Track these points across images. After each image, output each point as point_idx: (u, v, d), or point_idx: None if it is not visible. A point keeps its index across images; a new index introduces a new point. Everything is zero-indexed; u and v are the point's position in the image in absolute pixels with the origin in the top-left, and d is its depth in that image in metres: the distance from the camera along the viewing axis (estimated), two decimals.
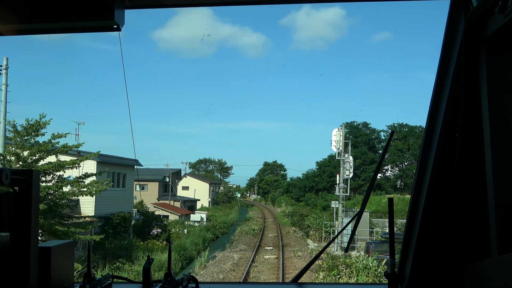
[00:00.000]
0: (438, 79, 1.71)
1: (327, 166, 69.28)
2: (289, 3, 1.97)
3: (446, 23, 1.69)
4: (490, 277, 1.47)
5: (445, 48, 1.69)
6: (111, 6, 1.53)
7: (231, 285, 2.60)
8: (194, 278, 1.83)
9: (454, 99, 1.65)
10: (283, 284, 2.52)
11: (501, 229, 1.46)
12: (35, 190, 1.43)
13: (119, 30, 1.62)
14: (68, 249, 1.68)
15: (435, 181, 1.69)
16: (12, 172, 1.36)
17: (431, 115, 1.75)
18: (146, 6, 1.79)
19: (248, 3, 1.74)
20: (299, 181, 74.68)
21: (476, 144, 1.59)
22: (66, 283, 1.64)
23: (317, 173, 71.67)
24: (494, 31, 1.44)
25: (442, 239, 1.71)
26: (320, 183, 69.68)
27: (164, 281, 1.73)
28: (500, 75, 1.50)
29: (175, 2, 1.75)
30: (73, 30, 1.67)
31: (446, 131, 1.66)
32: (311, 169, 74.28)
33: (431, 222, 1.71)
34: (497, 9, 1.38)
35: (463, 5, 1.62)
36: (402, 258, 1.84)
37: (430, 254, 1.73)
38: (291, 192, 74.41)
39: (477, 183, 1.60)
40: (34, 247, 1.44)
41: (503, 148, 1.48)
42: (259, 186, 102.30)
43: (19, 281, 1.40)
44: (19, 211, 1.41)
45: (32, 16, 1.60)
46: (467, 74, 1.59)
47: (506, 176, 1.46)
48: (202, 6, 1.76)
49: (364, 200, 1.94)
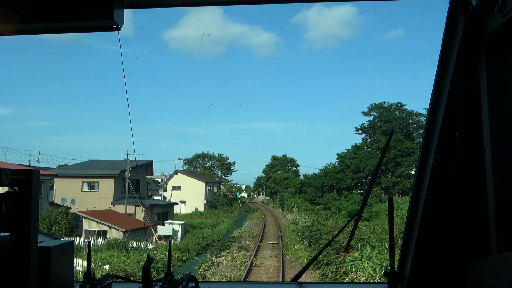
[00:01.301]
0: (438, 78, 1.82)
1: (352, 159, 51.01)
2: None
3: (445, 22, 1.78)
4: (490, 276, 1.55)
5: (444, 47, 1.79)
6: (111, 6, 1.62)
7: (231, 284, 2.58)
8: (194, 277, 1.93)
9: (453, 98, 1.74)
10: (283, 283, 2.55)
11: (501, 228, 1.55)
12: (35, 190, 1.52)
13: (119, 30, 1.71)
14: (68, 249, 1.78)
15: (435, 180, 1.79)
16: (12, 172, 1.45)
17: (430, 114, 1.84)
18: (146, 6, 1.88)
19: (248, 2, 1.84)
20: (315, 178, 63.69)
21: (476, 143, 1.69)
22: (66, 283, 1.73)
23: (338, 168, 60.99)
24: (493, 30, 1.55)
25: (442, 238, 1.80)
26: (343, 180, 58.91)
27: (164, 281, 1.82)
28: (499, 73, 1.60)
29: (175, 2, 1.82)
30: (72, 30, 1.76)
31: (445, 130, 1.76)
32: (330, 163, 64.91)
33: (431, 221, 1.81)
34: (497, 8, 1.47)
35: (462, 4, 1.73)
36: (402, 257, 1.93)
37: (430, 253, 1.82)
38: (305, 192, 63.00)
39: (477, 182, 1.70)
40: (34, 247, 1.52)
41: (502, 147, 1.57)
42: (266, 185, 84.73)
43: (19, 281, 1.49)
44: (19, 211, 1.49)
45: (32, 16, 1.69)
46: (467, 73, 1.69)
47: (506, 175, 1.57)
48: (202, 6, 1.83)
49: (364, 199, 2.03)
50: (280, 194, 79.36)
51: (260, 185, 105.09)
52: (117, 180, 39.66)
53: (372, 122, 62.59)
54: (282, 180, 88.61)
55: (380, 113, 62.21)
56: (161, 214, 41.45)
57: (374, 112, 63.10)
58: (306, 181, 66.61)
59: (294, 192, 66.65)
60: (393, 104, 61.96)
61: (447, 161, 1.75)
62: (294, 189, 68.42)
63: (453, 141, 1.74)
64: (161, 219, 40.23)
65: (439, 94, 1.79)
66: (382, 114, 61.77)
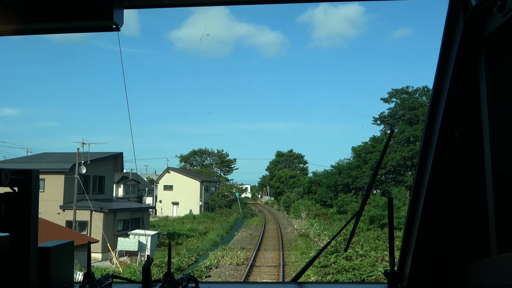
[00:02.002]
0: (438, 78, 1.87)
1: (370, 153, 40.78)
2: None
3: (445, 22, 1.83)
4: (490, 276, 1.60)
5: (444, 47, 1.84)
6: (110, 6, 1.66)
7: (231, 285, 2.59)
8: (193, 278, 1.96)
9: (453, 98, 1.80)
10: (283, 283, 2.63)
11: (501, 228, 1.60)
12: (35, 190, 1.57)
13: (118, 30, 1.74)
14: (67, 249, 1.82)
15: (434, 180, 1.84)
16: (11, 172, 1.50)
17: (430, 114, 1.89)
18: (145, 6, 1.92)
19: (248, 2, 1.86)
20: (326, 176, 55.46)
21: (476, 143, 1.74)
22: (66, 283, 1.77)
23: (354, 163, 52.37)
24: (493, 30, 1.60)
25: (441, 238, 1.85)
26: (360, 178, 49.92)
27: (164, 281, 1.85)
28: (499, 73, 1.66)
29: (174, 2, 1.86)
30: (72, 30, 1.80)
31: (445, 130, 1.82)
32: (344, 158, 61.76)
33: (430, 221, 1.85)
34: (496, 8, 1.52)
35: (462, 5, 1.78)
36: (401, 257, 1.97)
37: (429, 253, 1.86)
38: (315, 192, 55.31)
39: (477, 182, 1.76)
40: (34, 247, 1.57)
41: (502, 147, 1.63)
42: (269, 185, 75.90)
43: (19, 282, 1.53)
44: (19, 211, 1.54)
45: (32, 16, 1.73)
46: (466, 73, 1.75)
47: (506, 175, 1.62)
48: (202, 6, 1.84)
49: (364, 199, 2.06)
50: (286, 194, 72.30)
51: (265, 185, 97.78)
52: (70, 176, 30.27)
53: (393, 110, 53.45)
54: (288, 178, 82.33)
55: (403, 100, 53.28)
56: (130, 222, 32.34)
57: (395, 98, 53.73)
58: (315, 179, 60.65)
59: (302, 192, 61.56)
60: (419, 88, 53.25)
61: (447, 161, 1.81)
62: (302, 189, 62.90)
63: (453, 141, 1.79)
64: (131, 228, 31.16)
65: (439, 94, 1.86)
66: (405, 100, 52.75)
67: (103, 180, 35.73)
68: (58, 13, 1.67)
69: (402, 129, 53.15)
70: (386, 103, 57.74)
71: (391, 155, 49.70)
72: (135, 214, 34.87)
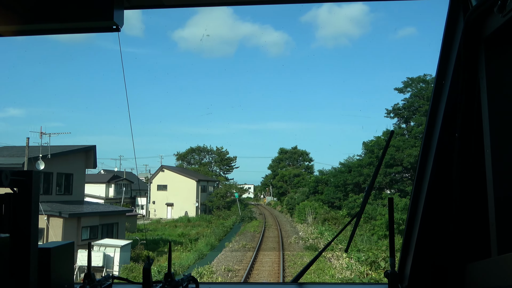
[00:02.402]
0: (438, 78, 1.90)
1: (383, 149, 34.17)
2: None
3: (445, 22, 1.86)
4: (490, 276, 1.63)
5: (444, 47, 1.87)
6: (110, 7, 1.69)
7: (231, 285, 2.79)
8: (194, 278, 1.98)
9: (453, 98, 1.83)
10: (283, 284, 2.68)
11: (501, 228, 1.62)
12: (35, 191, 1.59)
13: (118, 31, 1.76)
14: (67, 250, 1.83)
15: (435, 181, 1.87)
16: (12, 173, 1.53)
17: (431, 114, 1.92)
18: (145, 6, 1.94)
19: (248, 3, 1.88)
20: (334, 175, 51.60)
21: (476, 144, 1.78)
22: (66, 284, 1.79)
23: (365, 160, 47.44)
24: (493, 31, 1.64)
25: (442, 239, 1.87)
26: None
27: (164, 282, 1.86)
28: (499, 74, 1.69)
29: (174, 2, 1.88)
30: (72, 31, 1.82)
31: (446, 131, 1.85)
32: (353, 155, 58.00)
33: (431, 222, 1.88)
34: (496, 9, 1.55)
35: (462, 5, 1.82)
36: (402, 258, 1.99)
37: (430, 253, 1.89)
38: (321, 192, 50.80)
39: (477, 183, 1.79)
40: (34, 248, 1.59)
41: (502, 147, 1.66)
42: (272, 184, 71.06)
43: (19, 282, 1.54)
44: (19, 212, 1.56)
45: (32, 17, 1.76)
46: (467, 73, 1.78)
47: (506, 175, 1.65)
48: (202, 6, 1.86)
49: (364, 200, 2.07)
50: (289, 195, 67.76)
51: (267, 185, 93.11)
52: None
53: (409, 102, 48.16)
54: (292, 177, 78.26)
55: (420, 89, 47.92)
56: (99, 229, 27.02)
57: (411, 88, 48.38)
58: (322, 178, 56.00)
59: (307, 192, 57.49)
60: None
61: (447, 162, 1.84)
62: (307, 189, 59.86)
63: (453, 141, 1.82)
64: (101, 236, 25.92)
65: (439, 94, 1.89)
66: (423, 90, 47.39)
67: (70, 178, 30.90)
68: (58, 13, 1.69)
69: (420, 121, 47.98)
70: (400, 93, 52.83)
71: (407, 150, 44.95)
72: (108, 218, 29.58)
